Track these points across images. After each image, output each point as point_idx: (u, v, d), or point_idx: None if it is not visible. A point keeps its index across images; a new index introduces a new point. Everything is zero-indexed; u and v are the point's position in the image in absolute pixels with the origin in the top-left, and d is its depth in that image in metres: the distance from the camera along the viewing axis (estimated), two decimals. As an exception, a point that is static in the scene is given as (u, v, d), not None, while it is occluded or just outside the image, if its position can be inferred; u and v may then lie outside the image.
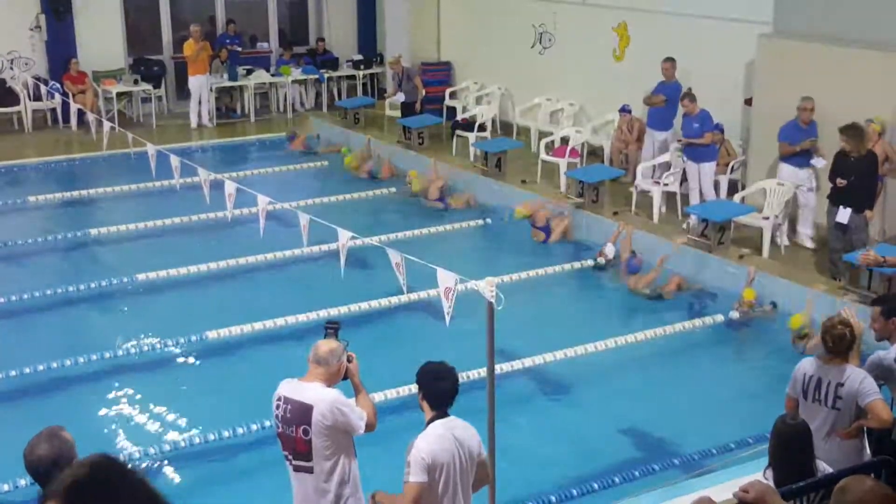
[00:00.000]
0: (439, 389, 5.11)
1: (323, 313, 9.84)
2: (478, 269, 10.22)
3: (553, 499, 7.01)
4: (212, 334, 9.44)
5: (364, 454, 5.45)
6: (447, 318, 5.96)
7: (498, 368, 6.87)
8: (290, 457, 5.19)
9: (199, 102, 18.01)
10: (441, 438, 4.98)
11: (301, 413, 5.06)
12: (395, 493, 5.05)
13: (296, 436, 5.09)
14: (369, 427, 5.25)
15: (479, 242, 12.49)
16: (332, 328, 5.44)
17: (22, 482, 6.73)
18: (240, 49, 19.27)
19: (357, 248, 8.95)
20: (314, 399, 5.08)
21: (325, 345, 5.26)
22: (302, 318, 9.77)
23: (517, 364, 8.85)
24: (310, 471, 5.14)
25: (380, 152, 15.85)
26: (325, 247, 10.63)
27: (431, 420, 5.09)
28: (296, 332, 9.51)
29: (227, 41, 19.19)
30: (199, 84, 17.87)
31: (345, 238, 7.76)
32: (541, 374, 8.92)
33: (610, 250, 11.40)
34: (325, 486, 5.15)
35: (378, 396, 8.06)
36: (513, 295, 10.04)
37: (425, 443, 4.97)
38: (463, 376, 7.52)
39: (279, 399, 5.16)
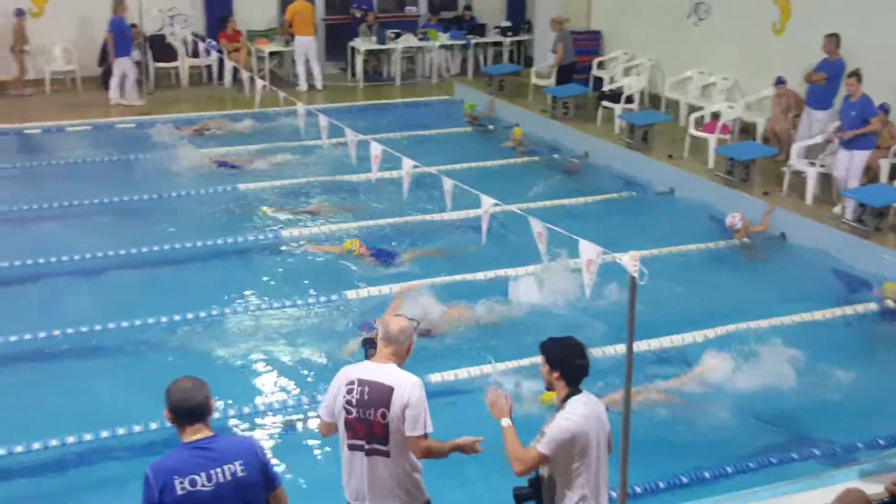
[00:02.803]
0: (580, 367, 5.04)
1: (459, 277, 9.89)
2: (621, 241, 10.05)
3: (684, 479, 6.85)
4: (350, 294, 9.60)
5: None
6: (587, 290, 5.87)
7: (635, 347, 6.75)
8: (363, 442, 4.95)
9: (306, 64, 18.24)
10: (586, 418, 4.94)
11: (381, 395, 4.88)
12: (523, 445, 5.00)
13: (373, 419, 4.89)
14: (425, 450, 4.96)
15: (623, 214, 12.26)
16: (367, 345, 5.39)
17: (153, 425, 7.05)
18: (369, 12, 19.35)
19: (499, 214, 8.91)
20: (395, 381, 4.92)
21: (396, 322, 5.09)
22: (439, 280, 9.82)
23: (654, 343, 8.66)
24: (386, 454, 4.94)
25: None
26: (468, 213, 10.65)
27: (567, 397, 5.01)
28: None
29: (354, 4, 19.31)
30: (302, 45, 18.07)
31: (487, 205, 7.73)
32: (678, 354, 8.70)
33: (738, 220, 11.09)
34: (401, 471, 4.99)
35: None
36: (654, 271, 9.85)
37: (570, 422, 4.91)
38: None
39: (351, 382, 4.94)
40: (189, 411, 4.34)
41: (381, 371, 4.96)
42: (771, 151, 13.20)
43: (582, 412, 4.95)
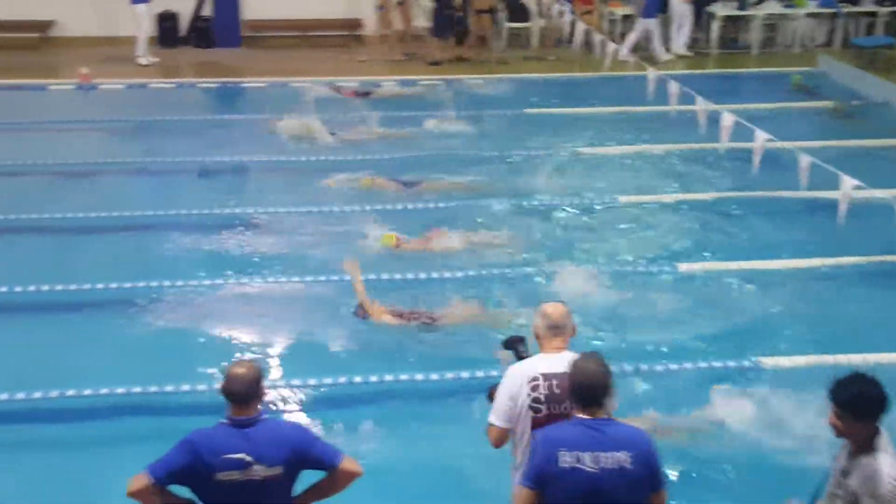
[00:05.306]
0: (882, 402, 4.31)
1: (817, 262, 9.19)
2: None
3: None
4: (683, 267, 9.24)
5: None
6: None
7: None
8: None
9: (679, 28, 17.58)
10: None
11: None
12: None
13: (569, 412, 4.51)
14: None
15: None
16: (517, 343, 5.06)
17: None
18: None
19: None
20: None
21: (555, 309, 4.78)
22: (778, 264, 9.21)
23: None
24: None
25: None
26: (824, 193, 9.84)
27: (872, 440, 4.28)
28: (768, 276, 8.99)
29: None
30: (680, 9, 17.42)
31: (848, 186, 7.11)
32: None
33: None
34: None
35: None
36: None
37: None
38: None
39: (534, 379, 4.62)
40: (591, 395, 4.24)
41: (563, 360, 4.62)
42: None
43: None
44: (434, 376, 7.29)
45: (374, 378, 7.25)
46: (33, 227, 10.08)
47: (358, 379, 7.28)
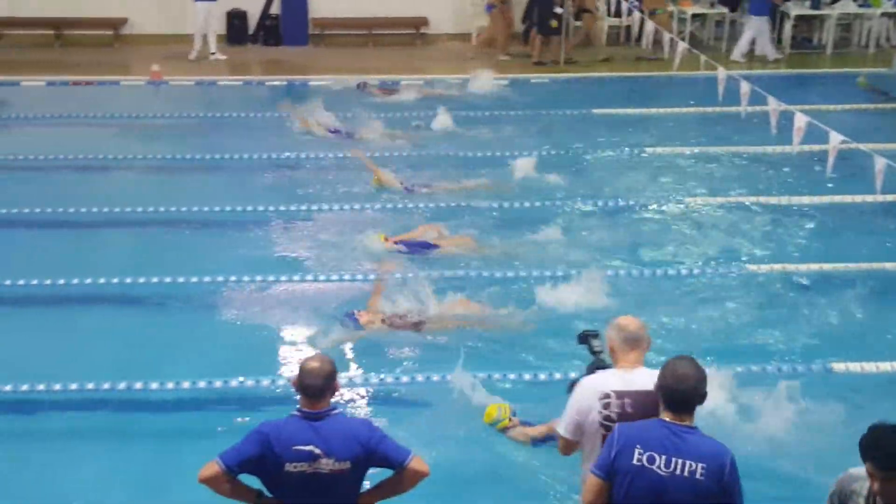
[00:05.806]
0: None
1: (890, 266, 8.95)
2: None
3: None
4: (752, 267, 9.08)
5: None
6: None
7: None
8: None
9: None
10: None
11: (651, 402, 4.40)
12: None
13: None
14: None
15: None
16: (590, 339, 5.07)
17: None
18: None
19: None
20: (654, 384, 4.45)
21: (631, 322, 4.65)
22: (851, 267, 8.99)
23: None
24: None
25: None
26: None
27: None
28: (840, 279, 8.80)
29: None
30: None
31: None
32: None
33: None
34: None
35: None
36: None
37: None
38: None
39: (606, 396, 4.50)
40: (681, 400, 4.16)
41: (637, 378, 4.53)
42: None
43: None
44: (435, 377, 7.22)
45: (371, 379, 7.25)
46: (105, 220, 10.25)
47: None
